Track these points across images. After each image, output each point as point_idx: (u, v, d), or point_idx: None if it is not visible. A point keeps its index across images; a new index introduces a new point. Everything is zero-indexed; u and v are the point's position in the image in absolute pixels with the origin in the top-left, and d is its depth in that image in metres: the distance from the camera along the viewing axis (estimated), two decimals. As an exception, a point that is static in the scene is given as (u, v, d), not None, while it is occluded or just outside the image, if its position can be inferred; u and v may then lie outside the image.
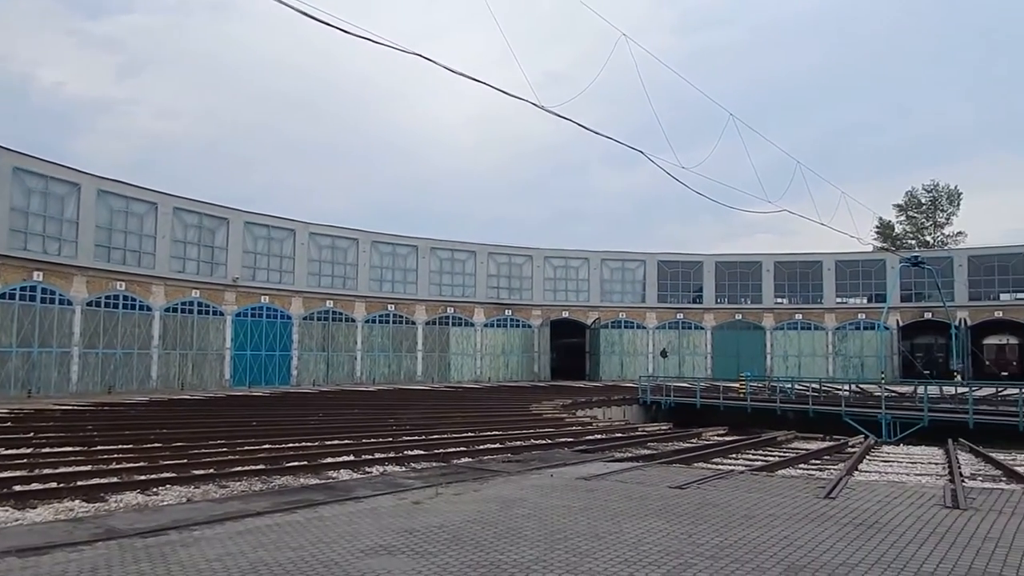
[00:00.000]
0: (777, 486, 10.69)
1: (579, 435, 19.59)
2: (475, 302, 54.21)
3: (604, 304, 58.00)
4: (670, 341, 58.10)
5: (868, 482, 11.74)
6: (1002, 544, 7.16)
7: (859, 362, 56.00)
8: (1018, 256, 54.22)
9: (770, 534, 7.55)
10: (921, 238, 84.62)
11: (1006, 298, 54.62)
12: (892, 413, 27.24)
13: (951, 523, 8.11)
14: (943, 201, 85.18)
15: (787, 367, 55.47)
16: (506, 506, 9.00)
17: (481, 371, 53.65)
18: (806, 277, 59.03)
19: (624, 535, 7.45)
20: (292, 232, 46.57)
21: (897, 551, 6.86)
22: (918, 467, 15.30)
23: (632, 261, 59.72)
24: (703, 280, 59.44)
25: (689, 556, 6.64)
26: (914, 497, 9.71)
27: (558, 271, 58.11)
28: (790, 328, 58.37)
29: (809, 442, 20.35)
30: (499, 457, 14.60)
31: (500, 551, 6.80)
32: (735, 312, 59.03)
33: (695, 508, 8.91)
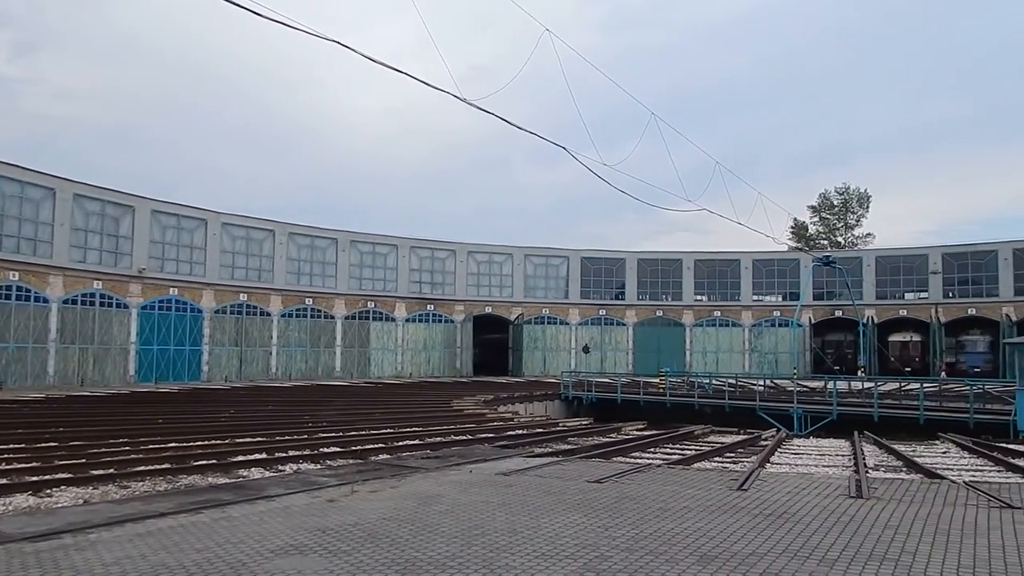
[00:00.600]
0: (692, 479, 10.98)
1: (500, 431, 19.66)
2: (396, 296, 53.71)
3: (527, 300, 58.38)
4: (592, 337, 58.97)
5: (779, 474, 12.20)
6: (900, 531, 7.54)
7: (773, 358, 58.10)
8: (921, 257, 57.26)
9: (684, 526, 7.74)
10: (833, 239, 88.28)
11: (910, 297, 57.65)
12: (803, 407, 28.39)
13: (855, 512, 8.50)
14: (854, 203, 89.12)
15: (706, 363, 57.08)
16: (423, 503, 8.95)
17: (402, 367, 53.23)
18: (724, 275, 60.86)
19: (542, 530, 7.51)
20: (203, 222, 45.06)
21: (804, 540, 7.15)
22: (826, 459, 16.01)
23: (556, 257, 60.29)
24: (625, 277, 60.54)
25: (605, 549, 6.75)
26: (821, 488, 10.13)
27: (481, 266, 58.16)
28: (709, 325, 60.07)
29: (725, 436, 20.99)
30: (418, 454, 14.52)
31: (416, 548, 6.76)
32: (656, 309, 60.34)
33: (612, 502, 9.06)
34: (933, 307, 55.16)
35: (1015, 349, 23.87)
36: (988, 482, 11.58)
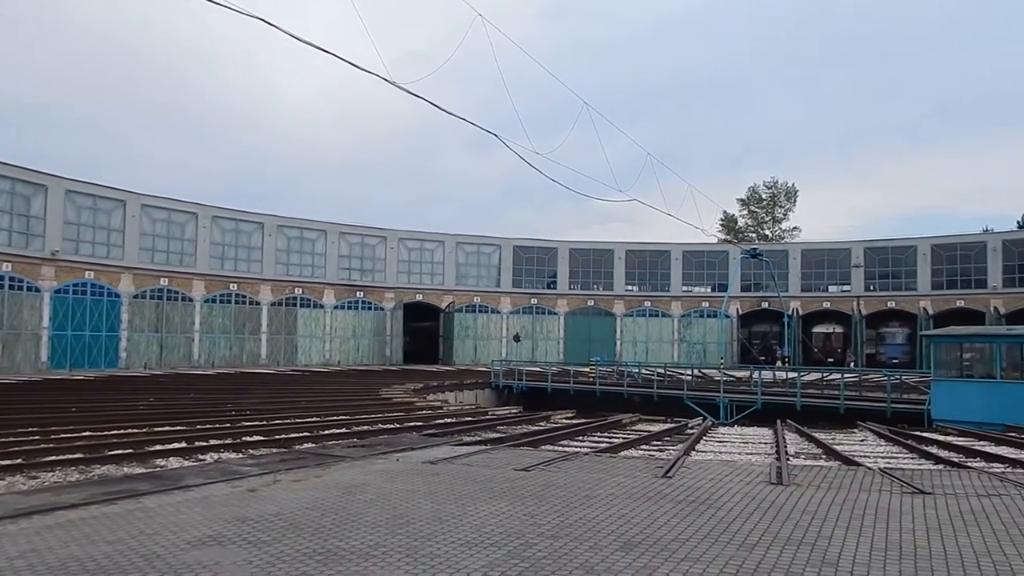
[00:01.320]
0: (619, 467, 11.16)
1: (428, 419, 19.60)
2: (325, 283, 52.85)
3: (459, 288, 58.26)
4: (524, 326, 59.27)
5: (703, 461, 12.52)
6: (818, 516, 7.83)
7: (702, 348, 59.49)
8: (844, 251, 59.42)
9: (609, 512, 7.87)
10: (761, 232, 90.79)
11: (833, 290, 59.78)
12: (729, 396, 29.19)
13: (775, 498, 8.78)
14: (781, 198, 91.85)
15: (636, 352, 58.07)
16: (348, 492, 8.86)
17: (330, 354, 52.48)
18: (655, 266, 61.93)
19: (467, 518, 7.53)
20: (122, 203, 43.35)
21: (725, 525, 7.35)
22: (749, 447, 16.51)
23: (488, 246, 60.29)
24: (557, 266, 60.99)
25: (530, 536, 6.80)
26: (744, 475, 10.44)
27: (413, 253, 57.72)
28: (639, 315, 61.08)
29: (652, 424, 21.42)
30: (344, 442, 14.35)
31: (339, 538, 6.69)
32: (588, 298, 61.01)
33: (539, 489, 9.14)
34: (855, 300, 57.32)
35: (931, 341, 25.05)
36: (902, 468, 12.12)
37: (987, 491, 9.30)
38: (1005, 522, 7.59)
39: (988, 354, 22.22)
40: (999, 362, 21.57)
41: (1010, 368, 21.65)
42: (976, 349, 23.15)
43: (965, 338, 24.36)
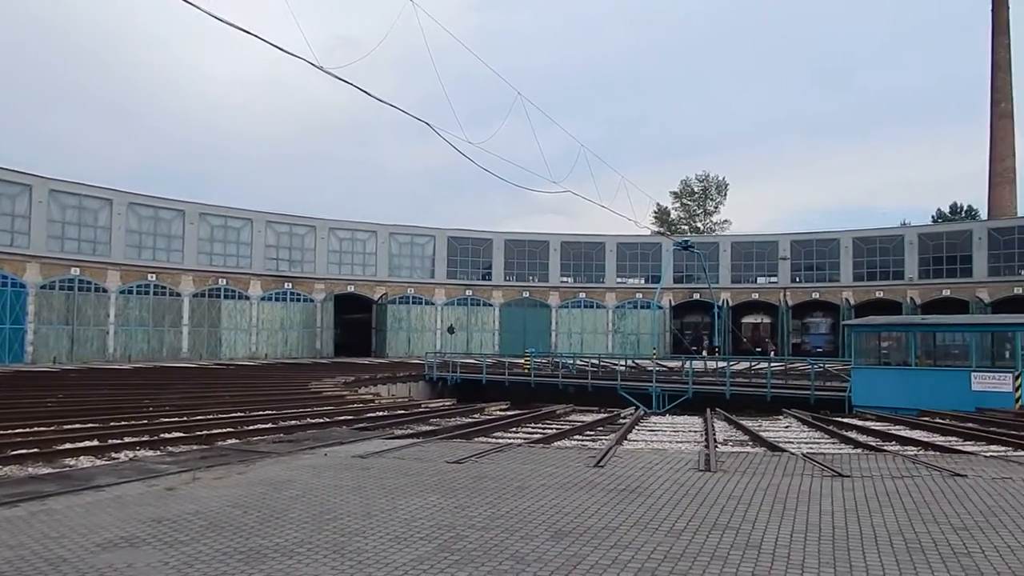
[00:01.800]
0: (552, 457, 11.24)
1: (360, 413, 19.38)
2: (251, 274, 51.62)
3: (392, 279, 57.73)
4: (459, 318, 59.16)
5: (635, 450, 12.72)
6: (743, 501, 8.05)
7: (635, 339, 60.44)
8: (772, 244, 61.15)
9: (541, 503, 7.92)
10: (693, 224, 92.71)
11: (762, 281, 61.50)
12: (662, 386, 29.77)
13: (703, 485, 8.98)
14: (713, 191, 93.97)
15: (571, 343, 58.61)
16: (273, 488, 8.69)
17: (257, 347, 51.36)
18: (590, 257, 62.60)
19: (397, 512, 7.47)
20: (27, 188, 41.35)
21: (655, 513, 7.48)
22: (680, 435, 16.85)
23: (422, 236, 59.90)
24: (492, 258, 61.04)
25: (461, 528, 6.79)
26: (673, 463, 10.65)
27: (344, 244, 56.90)
28: (574, 306, 61.67)
29: (586, 415, 21.65)
30: (270, 438, 14.07)
31: (262, 536, 6.55)
32: (523, 290, 61.27)
33: (471, 481, 9.13)
34: (782, 291, 59.12)
35: (851, 331, 26.03)
36: (823, 453, 12.56)
37: (901, 473, 9.72)
38: (916, 502, 7.95)
39: (904, 343, 23.21)
40: (914, 350, 22.56)
41: (924, 356, 22.68)
42: (893, 338, 24.17)
43: (883, 327, 25.40)
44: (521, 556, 5.92)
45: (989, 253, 52.09)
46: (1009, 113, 64.72)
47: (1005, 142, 64.64)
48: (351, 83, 14.97)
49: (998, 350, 21.85)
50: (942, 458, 11.47)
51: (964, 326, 23.93)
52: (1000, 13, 65.02)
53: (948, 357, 22.84)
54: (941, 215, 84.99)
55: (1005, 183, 64.48)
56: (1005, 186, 64.44)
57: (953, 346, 22.94)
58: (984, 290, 51.27)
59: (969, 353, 21.46)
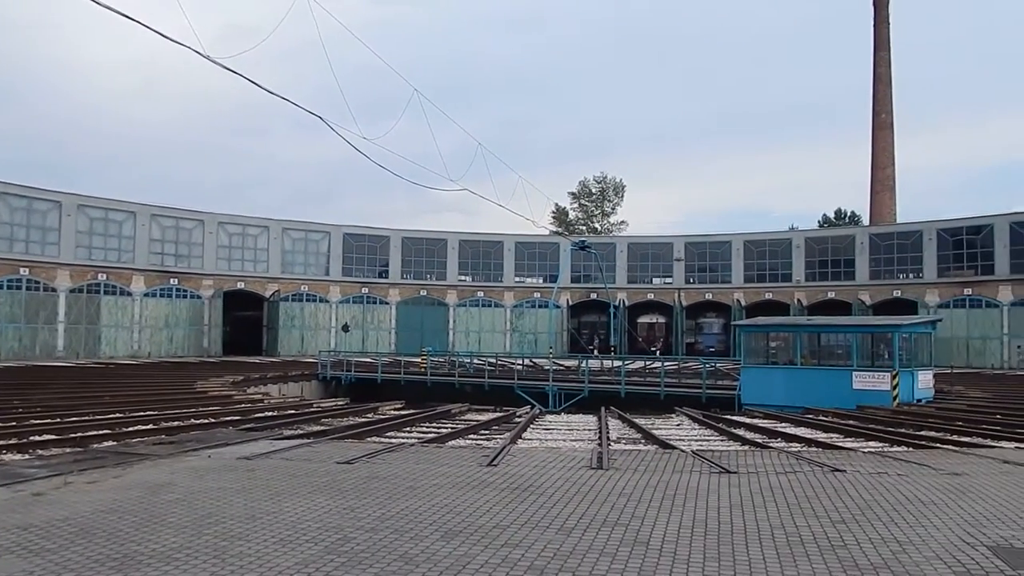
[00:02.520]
0: (445, 457, 11.22)
1: (247, 413, 18.77)
2: (133, 269, 49.17)
3: (285, 276, 56.22)
4: (354, 316, 58.20)
5: (529, 449, 12.86)
6: (633, 498, 8.25)
7: (533, 338, 61.05)
8: (667, 245, 63.03)
9: (431, 503, 7.89)
10: (591, 225, 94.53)
11: (657, 282, 63.26)
12: (558, 385, 30.20)
13: (595, 482, 9.16)
14: (610, 192, 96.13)
15: (468, 342, 58.65)
16: (151, 492, 8.32)
17: (140, 346, 49.00)
18: (488, 256, 62.83)
19: (283, 514, 7.29)
20: None
21: (546, 511, 7.58)
22: (574, 433, 17.15)
23: (316, 232, 58.61)
24: (389, 255, 60.38)
25: (349, 530, 6.69)
26: (566, 461, 10.82)
27: (234, 239, 55.03)
28: (472, 305, 61.75)
29: (482, 414, 21.73)
30: (151, 439, 13.45)
31: (138, 542, 6.27)
32: (420, 288, 60.88)
33: (361, 482, 9.01)
34: (676, 291, 61.03)
35: (741, 331, 27.14)
36: (712, 450, 13.04)
37: (784, 469, 10.20)
38: (798, 496, 8.35)
39: (790, 343, 24.38)
40: (799, 350, 23.73)
41: (809, 355, 23.88)
42: (780, 338, 25.33)
43: (770, 328, 26.62)
44: (410, 557, 5.89)
45: (870, 257, 55.29)
46: (889, 124, 68.91)
47: (885, 152, 68.80)
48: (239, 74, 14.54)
49: (877, 350, 23.21)
50: (823, 454, 12.09)
51: (846, 327, 25.34)
52: (881, 29, 69.13)
53: (831, 357, 24.11)
54: (827, 220, 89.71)
55: (885, 190, 68.66)
56: (885, 193, 68.62)
57: (836, 346, 24.22)
58: (866, 293, 54.40)
59: (851, 353, 22.71)
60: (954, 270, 51.98)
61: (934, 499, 8.22)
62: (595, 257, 56.59)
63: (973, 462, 10.89)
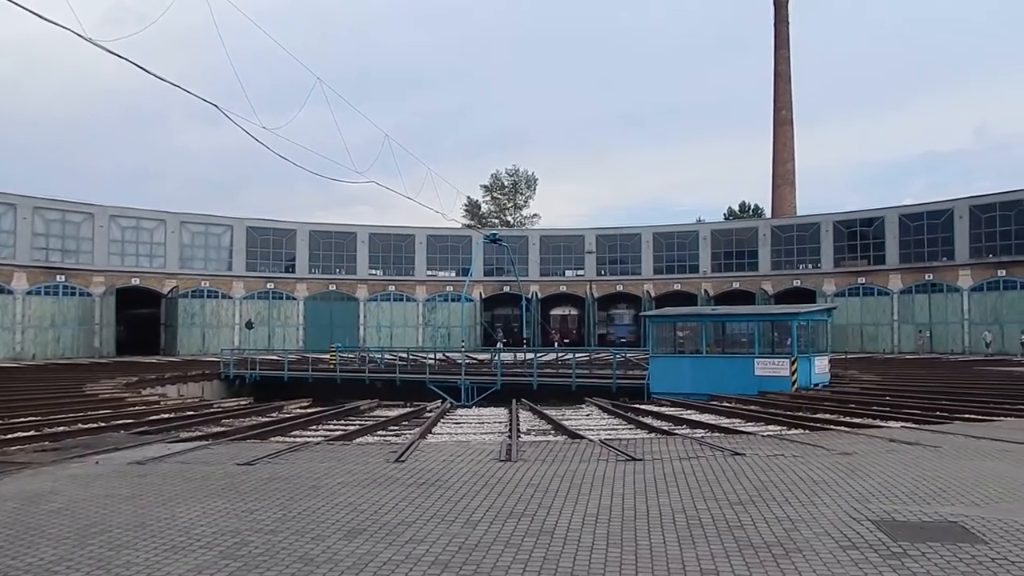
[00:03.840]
0: (351, 454, 11.06)
1: (141, 416, 18.02)
2: (14, 265, 46.41)
3: (184, 272, 54.22)
4: (259, 312, 56.69)
5: (438, 443, 12.81)
6: (540, 488, 8.32)
7: (446, 332, 60.87)
8: (579, 238, 63.90)
9: (335, 502, 7.75)
10: (503, 218, 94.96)
11: (569, 274, 64.07)
12: (471, 379, 30.23)
13: (503, 474, 9.20)
14: (523, 185, 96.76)
15: (380, 337, 58.03)
16: (30, 502, 7.87)
17: (22, 347, 46.34)
18: (400, 250, 62.27)
19: (176, 520, 7.03)
20: None
21: (453, 504, 7.56)
22: (485, 426, 17.21)
23: (218, 226, 56.78)
24: (296, 249, 59.06)
25: (247, 533, 6.50)
26: (475, 454, 10.82)
27: (127, 233, 52.71)
28: (383, 299, 61.09)
29: (391, 409, 21.55)
30: (32, 446, 12.74)
31: (13, 556, 5.93)
32: (329, 283, 59.82)
33: (261, 484, 8.78)
34: (588, 284, 61.95)
35: (649, 321, 27.78)
36: (620, 439, 13.29)
37: (687, 455, 10.48)
38: (699, 481, 8.60)
39: (696, 332, 25.11)
40: (705, 339, 24.47)
41: (714, 344, 24.66)
42: (687, 328, 26.06)
43: (677, 318, 27.35)
44: (311, 558, 5.77)
45: (772, 249, 57.55)
46: (789, 120, 71.66)
47: (786, 147, 71.56)
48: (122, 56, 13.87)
49: (777, 338, 24.16)
50: (726, 439, 12.50)
51: (748, 316, 26.28)
52: (781, 28, 71.76)
53: (735, 345, 24.95)
54: (732, 213, 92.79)
55: (786, 184, 71.43)
56: (786, 187, 71.39)
57: (740, 335, 25.07)
58: (768, 282, 56.55)
59: (753, 341, 23.58)
60: (848, 260, 54.68)
61: (825, 478, 8.60)
62: (507, 250, 56.82)
63: (863, 442, 11.46)
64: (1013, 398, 18.40)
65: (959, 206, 49.02)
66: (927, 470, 9.05)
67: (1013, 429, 12.66)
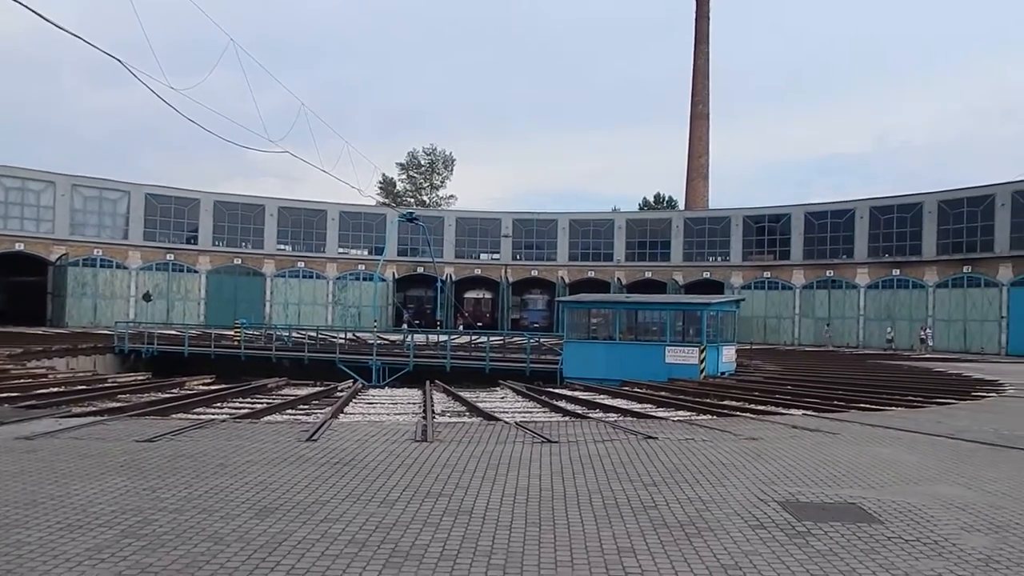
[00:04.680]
0: (260, 433, 10.78)
1: (28, 389, 17.08)
2: None
3: (75, 238, 51.59)
4: (158, 284, 54.60)
5: (351, 423, 12.63)
6: (457, 469, 8.32)
7: (357, 311, 60.07)
8: (496, 221, 63.96)
9: (245, 480, 7.55)
10: (419, 197, 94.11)
11: (484, 257, 64.09)
12: (382, 359, 29.94)
13: (419, 455, 9.14)
14: (439, 165, 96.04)
15: (287, 315, 56.78)
16: (-96, 478, 7.36)
17: None
18: (311, 225, 60.94)
19: (71, 498, 6.70)
20: None
21: (368, 484, 7.47)
22: (398, 407, 17.09)
23: (113, 191, 54.23)
24: (199, 220, 57.05)
25: (150, 512, 6.26)
26: (390, 434, 10.72)
27: (11, 194, 49.77)
28: (292, 276, 59.72)
29: (300, 388, 21.15)
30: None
31: None
32: (234, 256, 58.08)
33: (164, 461, 8.46)
34: (503, 268, 62.18)
35: (564, 307, 28.12)
36: (535, 421, 13.40)
37: (602, 437, 10.66)
38: (614, 463, 8.77)
39: (610, 319, 25.58)
40: (618, 326, 24.95)
41: (627, 331, 25.17)
42: (600, 314, 26.51)
43: (591, 304, 27.81)
44: (220, 537, 5.60)
45: (684, 240, 59.03)
46: (706, 115, 73.36)
47: (702, 141, 73.27)
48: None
49: (687, 327, 24.85)
50: (638, 423, 12.80)
51: (660, 305, 26.94)
52: (701, 24, 73.21)
53: (647, 333, 25.53)
54: (647, 204, 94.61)
55: (700, 178, 73.20)
56: (700, 181, 73.16)
57: (651, 323, 25.65)
58: (679, 273, 58.04)
59: (664, 329, 24.18)
60: (756, 255, 56.65)
61: (734, 462, 8.92)
62: (423, 230, 56.42)
63: (768, 428, 11.93)
64: (903, 390, 19.52)
65: (860, 207, 51.45)
66: (827, 455, 9.50)
67: (904, 419, 13.40)
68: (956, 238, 45.44)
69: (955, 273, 44.97)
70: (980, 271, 43.69)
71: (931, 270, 46.32)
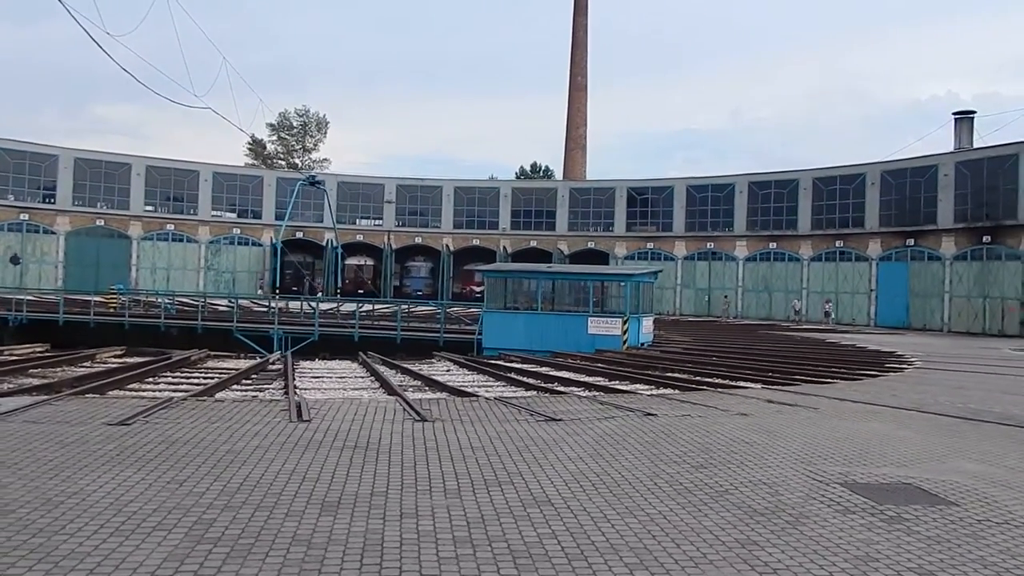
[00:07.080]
0: (236, 412, 9.90)
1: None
2: None
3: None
4: (10, 246, 49.89)
5: (323, 400, 11.81)
6: (488, 451, 7.92)
7: (231, 277, 57.21)
8: (378, 187, 62.38)
9: (273, 469, 6.91)
10: (291, 160, 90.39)
11: (366, 224, 62.38)
12: (284, 328, 28.58)
13: (433, 435, 8.65)
14: (312, 127, 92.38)
15: (155, 280, 53.44)
16: None
17: None
18: (181, 187, 57.43)
19: (91, 495, 5.87)
20: None
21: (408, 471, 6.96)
22: (347, 381, 16.20)
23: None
24: (57, 177, 52.45)
25: (198, 510, 5.55)
26: (383, 414, 10.08)
27: None
28: (160, 239, 56.10)
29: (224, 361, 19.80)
30: None
31: None
32: (96, 217, 53.84)
33: (162, 449, 7.57)
34: (386, 234, 60.82)
35: (485, 275, 27.71)
36: (515, 397, 13.06)
37: (600, 415, 10.40)
38: (642, 443, 8.53)
39: (531, 289, 25.42)
40: (540, 296, 24.84)
41: (548, 302, 25.10)
42: (521, 284, 26.30)
43: (511, 273, 27.56)
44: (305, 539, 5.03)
45: (569, 210, 59.68)
46: (584, 87, 74.20)
47: (580, 112, 74.16)
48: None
49: (610, 298, 25.04)
50: (621, 398, 12.50)
51: (584, 275, 26.94)
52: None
53: (569, 303, 25.53)
54: (524, 172, 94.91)
55: (578, 148, 74.20)
56: (577, 151, 74.16)
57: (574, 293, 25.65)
58: (564, 243, 58.74)
59: (587, 300, 24.26)
60: (640, 226, 58.14)
61: (751, 439, 8.87)
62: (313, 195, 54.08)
63: (746, 403, 11.93)
64: (827, 363, 19.61)
65: (739, 181, 53.70)
66: (827, 430, 9.65)
67: (858, 391, 13.68)
68: (829, 214, 48.30)
69: (828, 248, 47.89)
70: (851, 246, 46.71)
71: (806, 244, 49.11)
